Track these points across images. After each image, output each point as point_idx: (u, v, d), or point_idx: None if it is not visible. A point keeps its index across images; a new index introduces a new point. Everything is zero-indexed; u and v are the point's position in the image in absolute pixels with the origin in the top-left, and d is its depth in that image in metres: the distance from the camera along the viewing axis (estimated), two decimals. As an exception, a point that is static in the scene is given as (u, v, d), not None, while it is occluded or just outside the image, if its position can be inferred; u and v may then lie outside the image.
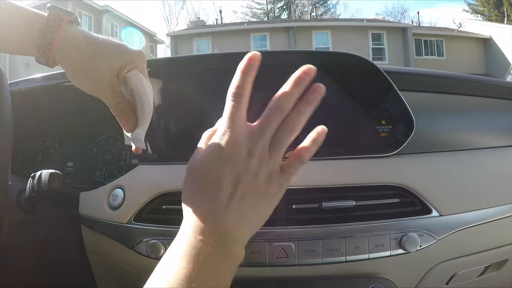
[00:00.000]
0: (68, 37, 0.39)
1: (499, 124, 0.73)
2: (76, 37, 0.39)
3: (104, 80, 0.40)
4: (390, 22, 14.78)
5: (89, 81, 0.40)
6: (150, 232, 0.62)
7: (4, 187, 0.53)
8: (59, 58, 0.40)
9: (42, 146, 0.89)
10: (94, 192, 0.70)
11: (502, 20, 13.95)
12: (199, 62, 0.70)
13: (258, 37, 13.00)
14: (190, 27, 15.00)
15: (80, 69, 0.40)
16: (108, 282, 0.75)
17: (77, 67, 0.40)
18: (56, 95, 0.82)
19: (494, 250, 0.65)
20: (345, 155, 0.65)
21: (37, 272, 0.68)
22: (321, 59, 0.69)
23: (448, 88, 0.74)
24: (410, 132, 0.64)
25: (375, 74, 0.66)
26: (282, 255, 0.58)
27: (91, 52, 0.39)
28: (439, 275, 0.65)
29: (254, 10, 21.39)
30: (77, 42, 0.39)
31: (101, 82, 0.40)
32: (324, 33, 12.86)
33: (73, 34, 0.39)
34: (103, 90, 0.41)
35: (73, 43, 0.39)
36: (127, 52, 0.42)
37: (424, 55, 12.80)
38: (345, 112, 0.66)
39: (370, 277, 0.61)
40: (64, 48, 0.39)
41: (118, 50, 0.41)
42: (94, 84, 0.40)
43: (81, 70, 0.40)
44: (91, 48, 0.39)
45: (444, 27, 14.95)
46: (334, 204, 0.61)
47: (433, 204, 0.62)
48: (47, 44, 0.38)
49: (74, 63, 0.39)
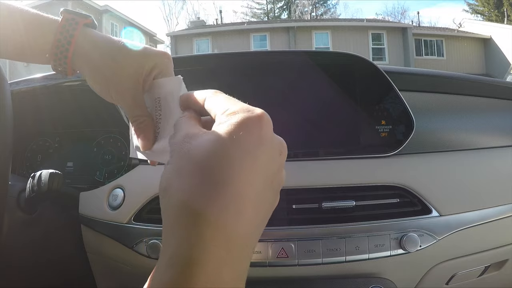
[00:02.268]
0: (85, 42, 0.36)
1: (499, 124, 0.73)
2: (94, 41, 0.36)
3: (126, 86, 0.36)
4: (390, 22, 14.79)
5: (109, 88, 0.36)
6: (150, 232, 0.62)
7: (4, 187, 0.52)
8: (77, 65, 0.37)
9: (42, 146, 0.89)
10: (94, 192, 0.70)
11: (502, 20, 13.95)
12: (199, 62, 0.70)
13: (258, 37, 13.00)
14: (190, 27, 15.00)
15: (100, 75, 0.36)
16: (108, 281, 0.75)
17: (96, 73, 0.36)
18: (56, 95, 0.82)
19: (494, 250, 0.65)
20: (345, 155, 0.65)
21: (37, 271, 0.68)
22: (321, 59, 0.69)
23: (448, 88, 0.74)
24: (410, 132, 0.64)
25: (375, 74, 0.66)
26: (282, 255, 0.58)
27: (111, 56, 0.36)
28: (439, 275, 0.65)
29: (254, 10, 21.42)
30: (95, 46, 0.36)
31: (122, 89, 0.36)
32: (324, 33, 12.86)
33: (90, 38, 0.36)
34: (124, 98, 0.36)
35: (91, 47, 0.36)
36: (152, 54, 0.37)
37: (424, 55, 12.80)
38: (345, 112, 0.66)
39: (370, 277, 0.61)
40: (82, 54, 0.36)
41: (142, 52, 0.36)
42: (114, 91, 0.36)
43: (100, 76, 0.36)
44: (111, 52, 0.36)
45: (444, 27, 14.96)
46: (334, 204, 0.60)
47: (433, 204, 0.62)
48: (63, 51, 0.35)
49: (93, 69, 0.36)
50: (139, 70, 0.36)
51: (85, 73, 0.37)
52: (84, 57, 0.36)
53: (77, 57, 0.36)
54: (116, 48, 0.36)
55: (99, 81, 0.37)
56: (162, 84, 0.37)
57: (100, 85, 0.37)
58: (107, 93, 0.37)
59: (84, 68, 0.37)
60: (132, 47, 0.37)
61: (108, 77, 0.36)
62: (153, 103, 0.38)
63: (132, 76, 0.36)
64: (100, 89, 0.37)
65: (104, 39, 0.37)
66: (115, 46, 0.36)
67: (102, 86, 0.37)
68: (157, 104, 0.37)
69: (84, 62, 0.36)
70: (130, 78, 0.35)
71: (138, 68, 0.36)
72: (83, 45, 0.36)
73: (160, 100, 0.37)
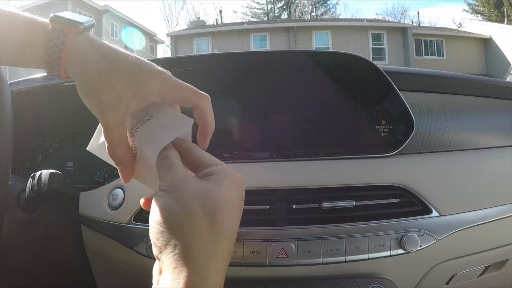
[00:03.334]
0: (75, 55, 0.33)
1: (499, 124, 0.73)
2: (84, 55, 0.33)
3: (109, 108, 0.32)
4: (390, 22, 14.78)
5: (93, 103, 0.33)
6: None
7: (5, 187, 0.52)
8: (70, 74, 0.34)
9: (42, 146, 0.89)
10: (94, 192, 0.70)
11: (502, 20, 13.95)
12: (199, 62, 0.70)
13: (258, 37, 13.00)
14: (190, 27, 15.00)
15: (86, 87, 0.33)
16: (108, 282, 0.75)
17: (83, 84, 0.33)
18: (56, 95, 0.82)
19: (494, 250, 0.65)
20: (345, 155, 0.65)
21: (37, 272, 0.68)
22: (321, 59, 0.69)
23: (448, 88, 0.74)
24: (410, 132, 0.64)
25: (375, 74, 0.66)
26: (282, 255, 0.58)
27: (100, 69, 0.32)
28: (439, 275, 0.65)
29: (254, 10, 21.42)
30: (87, 57, 0.33)
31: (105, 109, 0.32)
32: (324, 33, 12.86)
33: (81, 51, 0.33)
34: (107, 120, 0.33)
35: (82, 58, 0.33)
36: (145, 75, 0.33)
37: (424, 55, 12.80)
38: (345, 112, 0.66)
39: (370, 277, 0.61)
40: (72, 65, 0.33)
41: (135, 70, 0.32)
42: (98, 109, 0.33)
43: (87, 89, 0.33)
44: (102, 65, 0.32)
45: (444, 27, 14.95)
46: (334, 204, 0.60)
47: (433, 204, 0.62)
48: (55, 65, 0.33)
49: (81, 81, 0.33)
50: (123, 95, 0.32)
51: (76, 84, 0.34)
52: (73, 70, 0.33)
53: (68, 68, 0.34)
54: (108, 61, 0.33)
55: (85, 95, 0.33)
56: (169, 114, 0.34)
57: (86, 99, 0.33)
58: (90, 108, 0.34)
59: (74, 79, 0.34)
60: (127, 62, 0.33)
61: (91, 91, 0.33)
62: (139, 112, 0.34)
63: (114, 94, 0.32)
64: (87, 102, 0.34)
65: (98, 49, 0.33)
66: (109, 58, 0.33)
67: (87, 100, 0.33)
68: (143, 117, 0.34)
69: (73, 74, 0.34)
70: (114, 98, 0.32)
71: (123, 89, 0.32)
72: (72, 59, 0.33)
73: (151, 118, 0.34)
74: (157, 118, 0.34)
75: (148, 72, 0.33)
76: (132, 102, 0.32)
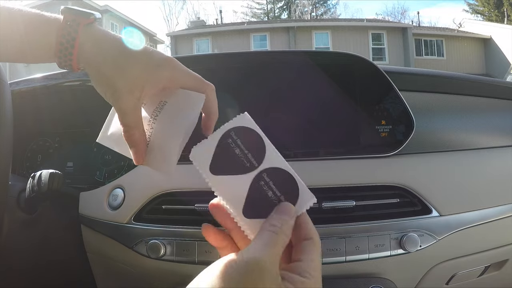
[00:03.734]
0: (88, 44, 0.34)
1: (499, 124, 0.73)
2: (97, 43, 0.35)
3: (124, 94, 0.33)
4: (390, 22, 14.78)
5: (109, 91, 0.34)
6: (150, 232, 0.62)
7: (5, 187, 0.52)
8: (82, 65, 0.35)
9: (42, 146, 0.89)
10: (94, 192, 0.70)
11: (502, 20, 13.95)
12: (199, 62, 0.70)
13: (258, 37, 13.00)
14: (190, 27, 15.00)
15: (102, 75, 0.34)
16: (108, 282, 0.75)
17: (98, 73, 0.34)
18: (56, 95, 0.82)
19: (494, 250, 0.65)
20: (345, 155, 0.65)
21: (37, 272, 0.68)
22: (321, 59, 0.69)
23: (448, 88, 0.74)
24: (410, 132, 0.64)
25: (375, 74, 0.66)
26: (282, 255, 0.58)
27: (115, 58, 0.34)
28: (439, 275, 0.65)
29: (254, 10, 21.42)
30: (99, 48, 0.35)
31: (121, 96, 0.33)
32: (324, 33, 12.86)
33: (94, 39, 0.35)
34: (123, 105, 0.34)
35: (94, 50, 0.35)
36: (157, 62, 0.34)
37: (424, 55, 12.80)
38: (345, 112, 0.66)
39: (370, 277, 0.61)
40: (85, 56, 0.34)
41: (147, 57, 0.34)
42: (113, 96, 0.34)
43: (102, 77, 0.34)
44: (117, 54, 0.34)
45: (444, 27, 14.96)
46: (334, 204, 0.60)
47: (433, 204, 0.62)
48: (67, 54, 0.34)
49: (96, 70, 0.35)
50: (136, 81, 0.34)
51: (89, 74, 0.36)
52: (87, 59, 0.35)
53: (81, 58, 0.35)
54: (119, 49, 0.35)
55: (100, 84, 0.35)
56: (180, 95, 0.36)
57: (101, 87, 0.35)
58: (105, 96, 0.35)
59: (87, 69, 0.36)
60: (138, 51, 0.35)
61: (106, 79, 0.34)
62: (153, 101, 0.36)
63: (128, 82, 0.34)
64: (101, 91, 0.35)
65: (108, 39, 0.35)
66: (120, 47, 0.35)
67: (102, 88, 0.35)
68: (158, 105, 0.36)
69: (87, 64, 0.35)
70: (128, 85, 0.34)
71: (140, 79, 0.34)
72: (86, 49, 0.35)
73: (166, 104, 0.36)
74: (171, 103, 0.36)
75: (159, 59, 0.35)
76: (146, 87, 0.34)
